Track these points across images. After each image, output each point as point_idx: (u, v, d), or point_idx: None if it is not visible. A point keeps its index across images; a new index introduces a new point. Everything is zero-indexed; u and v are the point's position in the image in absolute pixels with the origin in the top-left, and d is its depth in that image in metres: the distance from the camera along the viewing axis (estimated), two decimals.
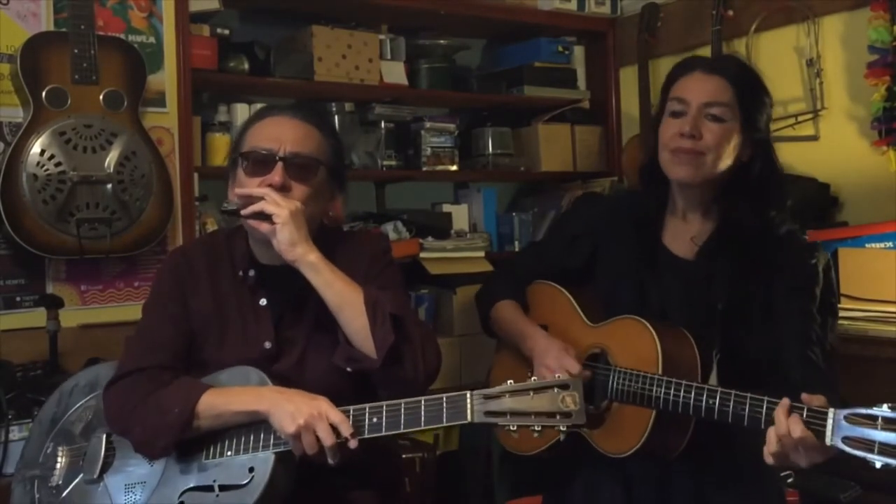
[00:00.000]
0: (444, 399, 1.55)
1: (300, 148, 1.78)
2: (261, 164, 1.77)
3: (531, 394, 1.50)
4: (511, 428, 1.50)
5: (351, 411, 1.60)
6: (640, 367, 1.79)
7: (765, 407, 1.57)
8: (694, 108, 1.82)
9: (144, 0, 2.63)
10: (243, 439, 1.65)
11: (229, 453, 1.65)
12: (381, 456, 1.86)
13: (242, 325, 1.83)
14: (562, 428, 1.50)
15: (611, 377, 1.84)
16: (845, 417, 1.45)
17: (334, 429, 1.57)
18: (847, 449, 1.44)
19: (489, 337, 2.22)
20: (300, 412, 1.58)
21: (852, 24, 2.88)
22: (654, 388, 1.74)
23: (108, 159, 2.41)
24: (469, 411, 1.52)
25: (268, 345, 1.80)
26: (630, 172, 3.43)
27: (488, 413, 1.51)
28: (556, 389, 1.49)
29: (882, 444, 1.40)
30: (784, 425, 1.50)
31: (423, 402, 1.57)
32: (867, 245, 2.63)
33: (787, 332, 1.76)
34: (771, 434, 1.53)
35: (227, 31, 2.87)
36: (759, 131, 1.86)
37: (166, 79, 2.66)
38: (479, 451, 3.03)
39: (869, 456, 1.41)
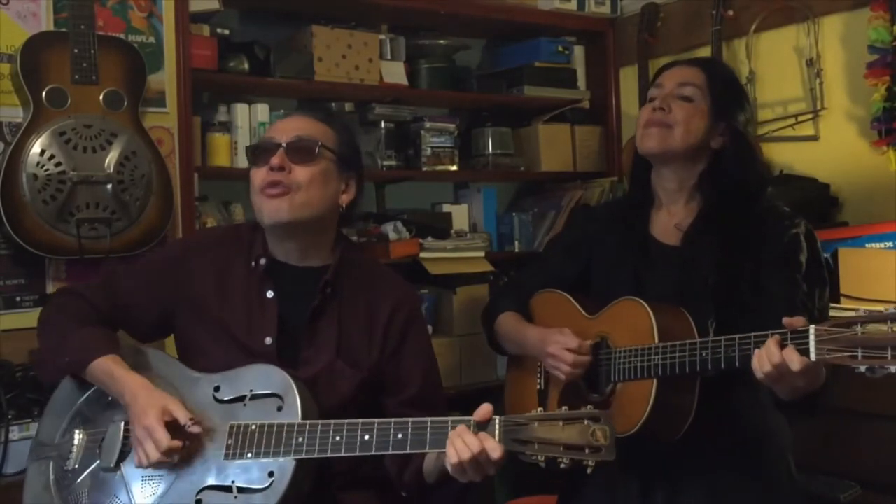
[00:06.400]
0: (474, 424, 1.52)
1: (301, 133, 1.81)
2: (265, 153, 1.81)
3: (561, 423, 1.46)
4: (539, 458, 1.46)
5: (376, 425, 1.60)
6: (638, 342, 1.81)
7: (752, 343, 1.63)
8: (666, 89, 1.95)
9: (144, 0, 2.63)
10: (264, 442, 1.64)
11: (249, 455, 1.64)
12: (381, 457, 1.86)
13: (247, 316, 1.82)
14: (590, 463, 1.45)
15: (612, 360, 1.87)
16: (826, 330, 1.49)
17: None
18: (833, 360, 1.49)
19: (499, 354, 2.24)
20: (137, 424, 1.64)
21: (852, 24, 2.88)
22: (652, 357, 1.77)
23: (108, 159, 2.41)
24: (497, 437, 1.49)
25: (268, 341, 1.79)
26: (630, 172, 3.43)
27: (517, 441, 1.47)
28: (586, 422, 1.45)
29: (865, 348, 1.43)
30: (777, 355, 1.55)
31: (449, 424, 1.54)
32: (867, 245, 2.63)
33: (775, 301, 1.79)
34: (762, 356, 1.57)
35: (227, 31, 2.87)
36: (732, 121, 1.94)
37: (166, 79, 2.66)
38: None
39: (853, 364, 1.45)
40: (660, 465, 1.86)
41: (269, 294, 1.82)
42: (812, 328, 1.52)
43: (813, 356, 1.51)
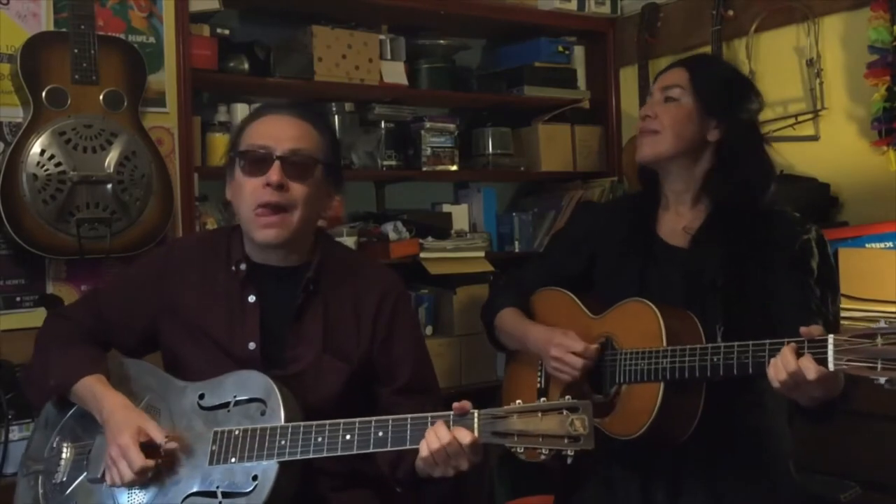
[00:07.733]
0: (452, 418, 1.54)
1: (297, 145, 1.77)
2: (258, 162, 1.76)
3: (540, 415, 1.47)
4: (518, 450, 1.48)
5: (357, 424, 1.61)
6: (646, 344, 1.80)
7: (767, 350, 1.60)
8: (655, 97, 1.96)
9: (144, 0, 2.63)
10: (248, 446, 1.65)
11: (233, 460, 1.65)
12: (373, 457, 1.85)
13: (229, 323, 1.81)
14: (569, 452, 1.47)
15: (618, 361, 1.85)
16: (846, 340, 1.47)
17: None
18: (851, 370, 1.46)
19: (498, 350, 2.23)
20: (112, 443, 1.64)
21: (852, 24, 2.88)
22: (661, 360, 1.76)
23: (108, 159, 2.41)
24: (476, 430, 1.51)
25: (252, 346, 1.78)
26: (630, 172, 3.43)
27: (496, 433, 1.49)
28: (565, 412, 1.47)
29: (885, 360, 1.41)
30: (793, 364, 1.52)
31: (429, 420, 1.57)
32: (867, 245, 2.63)
33: (787, 306, 1.78)
34: (778, 365, 1.55)
35: (227, 31, 2.87)
36: (726, 114, 1.91)
37: (166, 79, 2.65)
38: None
39: (872, 375, 1.43)
40: (660, 465, 1.86)
41: (251, 298, 1.81)
42: (830, 338, 1.50)
43: (831, 366, 1.49)
